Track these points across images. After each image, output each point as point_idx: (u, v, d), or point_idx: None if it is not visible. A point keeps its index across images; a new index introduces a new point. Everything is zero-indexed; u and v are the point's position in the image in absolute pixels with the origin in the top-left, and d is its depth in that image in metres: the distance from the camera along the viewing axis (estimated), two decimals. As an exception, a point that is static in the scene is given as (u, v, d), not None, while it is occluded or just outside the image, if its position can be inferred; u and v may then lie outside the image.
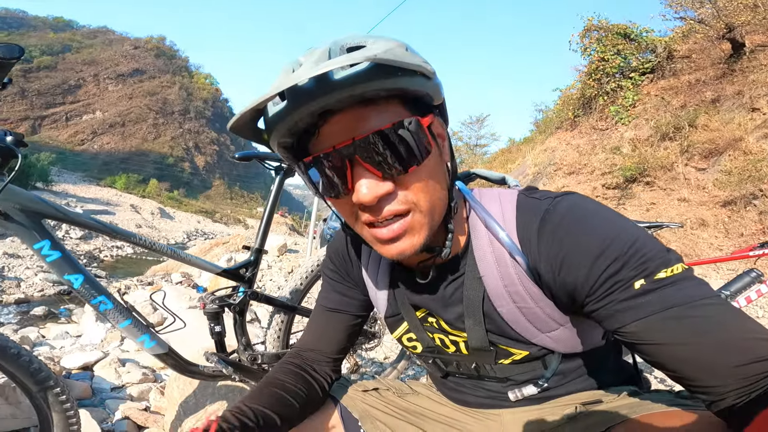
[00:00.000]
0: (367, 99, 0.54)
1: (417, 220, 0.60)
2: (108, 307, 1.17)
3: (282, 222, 32.99)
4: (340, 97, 0.52)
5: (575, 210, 0.62)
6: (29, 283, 8.18)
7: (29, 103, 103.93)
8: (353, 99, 0.53)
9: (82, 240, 17.76)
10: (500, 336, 0.73)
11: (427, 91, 0.57)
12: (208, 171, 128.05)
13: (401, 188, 0.58)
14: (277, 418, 0.74)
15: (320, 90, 0.51)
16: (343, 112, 0.55)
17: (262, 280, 6.79)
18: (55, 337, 3.79)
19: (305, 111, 0.53)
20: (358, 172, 0.57)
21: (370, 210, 0.59)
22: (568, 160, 11.26)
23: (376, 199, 0.57)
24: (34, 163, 40.74)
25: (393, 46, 0.55)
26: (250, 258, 1.52)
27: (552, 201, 0.65)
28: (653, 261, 0.54)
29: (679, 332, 0.52)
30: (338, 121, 0.56)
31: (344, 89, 0.51)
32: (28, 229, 1.01)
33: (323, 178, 0.60)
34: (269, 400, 0.77)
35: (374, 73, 0.51)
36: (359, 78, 0.51)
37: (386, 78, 0.52)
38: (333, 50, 0.55)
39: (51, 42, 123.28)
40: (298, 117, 0.54)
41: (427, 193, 0.60)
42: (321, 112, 0.54)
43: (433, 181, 0.60)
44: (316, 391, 0.86)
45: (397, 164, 0.56)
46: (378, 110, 0.55)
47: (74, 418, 1.19)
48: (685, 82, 10.17)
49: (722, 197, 7.42)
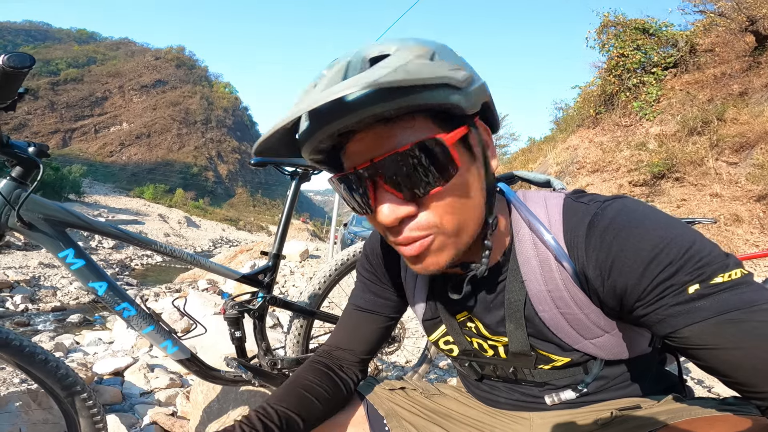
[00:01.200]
0: (389, 117, 0.51)
1: (440, 241, 0.58)
2: (131, 313, 1.19)
3: (303, 228, 33.39)
4: (356, 119, 0.50)
5: (626, 213, 0.59)
6: (65, 292, 8.48)
7: (59, 116, 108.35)
8: (372, 119, 0.51)
9: (114, 249, 18.37)
10: (542, 341, 0.71)
11: (456, 102, 0.52)
12: (230, 179, 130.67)
13: (424, 210, 0.56)
14: (300, 420, 0.74)
15: (338, 111, 0.50)
16: (366, 130, 0.53)
17: (285, 286, 6.87)
18: (89, 343, 3.91)
19: (326, 132, 0.52)
20: (380, 193, 0.56)
21: (392, 231, 0.58)
22: (592, 158, 11.00)
23: (396, 221, 0.55)
24: (66, 176, 42.42)
25: (410, 59, 0.49)
26: (268, 263, 1.53)
27: (601, 205, 0.62)
28: (710, 266, 0.52)
29: (736, 336, 0.50)
30: (361, 139, 0.54)
31: (359, 111, 0.49)
32: (53, 238, 1.04)
33: (350, 196, 0.59)
34: (294, 400, 0.76)
35: (388, 92, 0.48)
36: (375, 99, 0.48)
37: (402, 96, 0.48)
38: (353, 63, 0.53)
39: (76, 54, 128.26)
40: (321, 138, 0.53)
41: (454, 214, 0.57)
42: (343, 132, 0.53)
43: (462, 199, 0.57)
44: (341, 391, 0.85)
45: (418, 186, 0.54)
46: (402, 127, 0.53)
47: (101, 423, 1.21)
48: (710, 75, 9.83)
49: (756, 192, 7.12)
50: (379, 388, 0.92)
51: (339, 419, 0.84)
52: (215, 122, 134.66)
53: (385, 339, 0.95)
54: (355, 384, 0.90)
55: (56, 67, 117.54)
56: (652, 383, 0.77)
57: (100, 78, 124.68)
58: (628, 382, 0.76)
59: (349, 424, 0.84)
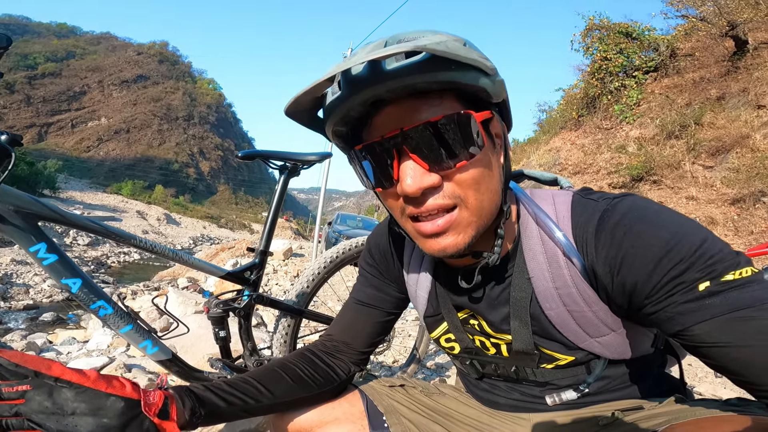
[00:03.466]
0: (420, 91, 0.54)
1: (463, 217, 0.58)
2: (108, 312, 1.12)
3: (287, 226, 33.12)
4: (392, 86, 0.52)
5: (637, 210, 0.59)
6: (38, 290, 8.20)
7: (35, 110, 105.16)
8: (405, 90, 0.53)
9: (89, 246, 17.80)
10: (546, 339, 0.70)
11: (484, 87, 0.55)
12: (213, 176, 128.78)
13: (448, 182, 0.57)
14: (263, 388, 0.74)
15: (373, 79, 0.52)
16: (395, 103, 0.55)
17: (268, 285, 6.77)
18: (63, 342, 3.77)
19: (358, 99, 0.54)
20: (404, 162, 0.56)
21: (414, 202, 0.58)
22: (573, 160, 11.20)
23: (420, 190, 0.55)
24: (41, 171, 41.07)
25: (447, 39, 0.53)
26: (254, 260, 1.47)
27: (610, 201, 0.62)
28: (721, 263, 0.51)
29: (747, 333, 0.49)
30: (390, 112, 0.56)
31: (396, 79, 0.51)
32: (24, 232, 0.97)
33: (371, 167, 0.60)
34: (262, 372, 0.78)
35: (427, 65, 0.50)
36: (411, 69, 0.51)
37: (439, 71, 0.51)
38: (389, 42, 0.55)
39: (55, 48, 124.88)
40: (351, 105, 0.55)
41: (477, 191, 0.57)
42: (373, 101, 0.55)
43: (484, 179, 0.58)
44: (329, 376, 0.84)
45: (444, 157, 0.55)
46: (430, 103, 0.55)
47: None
48: (690, 80, 10.11)
49: (731, 195, 7.35)
50: (378, 384, 0.91)
51: (338, 414, 0.83)
52: (198, 118, 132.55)
53: (383, 334, 0.94)
54: (350, 374, 0.89)
55: (34, 61, 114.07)
56: (653, 385, 0.76)
57: (79, 72, 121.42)
58: (630, 383, 0.75)
59: (347, 420, 0.83)
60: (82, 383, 0.54)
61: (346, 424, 0.82)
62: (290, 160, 1.50)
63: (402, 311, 0.94)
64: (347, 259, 1.68)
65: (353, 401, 0.86)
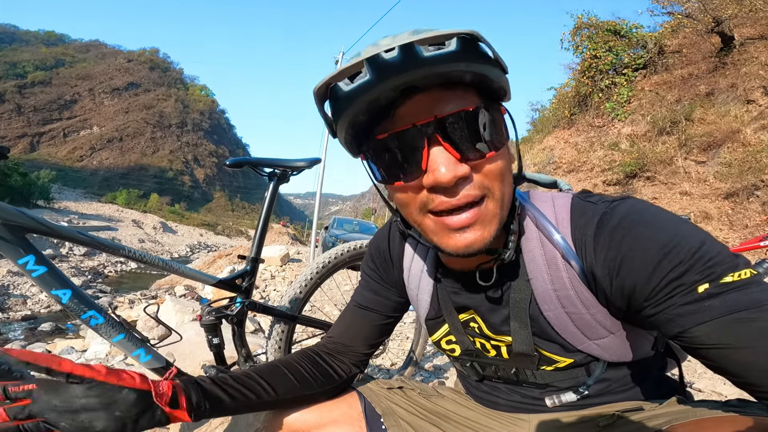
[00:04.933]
0: (449, 82, 0.54)
1: (490, 209, 0.58)
2: (99, 321, 1.12)
3: (283, 232, 33.03)
4: (426, 73, 0.51)
5: (635, 213, 0.59)
6: (35, 300, 8.17)
7: (26, 120, 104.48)
8: (439, 78, 0.53)
9: (86, 257, 17.65)
10: (545, 341, 0.70)
11: (503, 85, 0.57)
12: (208, 183, 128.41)
13: (477, 173, 0.56)
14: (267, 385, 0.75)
15: (408, 65, 0.51)
16: (425, 92, 0.54)
17: (266, 291, 6.75)
18: (61, 352, 3.77)
19: (390, 84, 0.52)
20: (436, 151, 0.55)
21: (445, 192, 0.56)
22: (567, 158, 11.26)
23: (454, 179, 0.54)
24: (34, 181, 40.64)
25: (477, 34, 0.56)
26: (246, 267, 1.47)
27: (610, 204, 0.63)
28: (720, 265, 0.52)
29: (746, 335, 0.49)
30: (419, 101, 0.55)
31: (432, 66, 0.51)
32: (12, 244, 0.97)
33: (393, 158, 0.58)
34: (265, 369, 0.78)
35: (462, 54, 0.52)
36: (448, 57, 0.51)
37: (472, 62, 0.53)
38: (416, 32, 0.55)
39: (44, 57, 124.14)
40: (381, 91, 0.53)
41: (502, 183, 0.58)
42: (404, 88, 0.53)
43: (508, 172, 0.60)
44: (330, 376, 0.86)
45: (477, 146, 0.56)
46: (457, 95, 0.55)
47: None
48: (678, 76, 10.19)
49: (724, 189, 7.40)
50: (376, 386, 0.91)
51: (335, 416, 0.83)
52: (191, 125, 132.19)
53: (383, 336, 0.95)
54: (350, 375, 0.90)
55: (23, 70, 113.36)
56: (653, 387, 0.76)
57: (69, 81, 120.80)
58: (630, 385, 0.75)
59: (345, 422, 0.83)
60: (94, 377, 0.55)
61: (344, 426, 0.82)
62: (279, 167, 1.50)
63: (402, 315, 0.95)
64: (340, 263, 1.68)
65: (351, 403, 0.86)
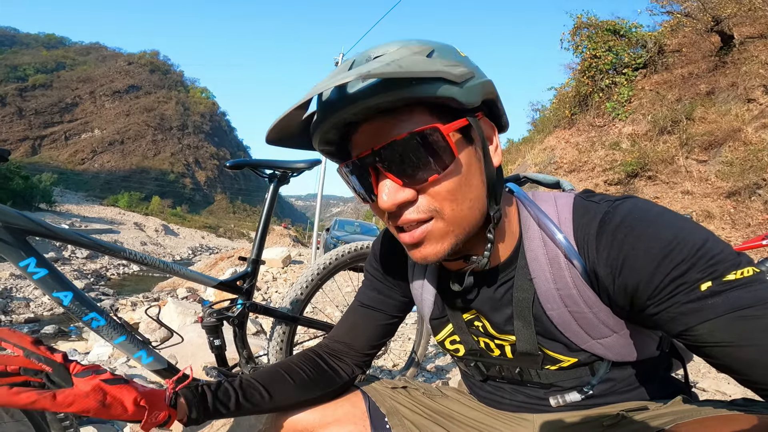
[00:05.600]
0: (388, 109, 0.55)
1: (439, 227, 0.59)
2: (100, 323, 1.12)
3: (285, 234, 33.11)
4: (355, 110, 0.54)
5: (638, 212, 0.59)
6: (38, 303, 8.21)
7: (27, 123, 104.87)
8: (370, 111, 0.54)
9: (88, 259, 17.72)
10: (549, 340, 0.70)
11: (453, 96, 0.54)
12: (209, 186, 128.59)
13: (423, 195, 0.58)
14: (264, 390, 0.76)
15: (340, 103, 0.54)
16: (368, 122, 0.57)
17: (268, 292, 6.75)
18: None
19: (330, 123, 0.57)
20: (381, 180, 0.58)
21: (392, 216, 0.60)
22: (568, 158, 11.24)
23: (394, 206, 0.57)
24: (36, 185, 40.78)
25: (406, 55, 0.54)
26: (247, 269, 1.47)
27: (612, 204, 0.63)
28: (722, 263, 0.52)
29: (750, 333, 0.49)
30: (364, 131, 0.58)
31: (359, 102, 0.53)
32: (12, 247, 0.97)
33: (356, 183, 0.62)
34: (264, 374, 0.79)
35: (385, 85, 0.52)
36: (372, 91, 0.52)
37: (399, 89, 0.52)
38: (358, 61, 0.57)
39: (45, 60, 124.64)
40: (326, 128, 0.58)
41: (453, 202, 0.58)
42: (347, 123, 0.57)
43: (461, 190, 0.58)
44: (332, 378, 0.86)
45: (415, 174, 0.56)
46: (400, 119, 0.56)
47: (73, 437, 1.15)
48: (678, 75, 10.17)
49: (726, 188, 7.37)
50: (380, 385, 0.91)
51: (339, 415, 0.84)
52: (192, 128, 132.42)
53: (386, 337, 0.95)
54: (352, 375, 0.90)
55: (24, 73, 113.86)
56: (658, 388, 0.76)
57: (70, 84, 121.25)
58: (634, 385, 0.75)
59: (349, 421, 0.83)
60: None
61: (347, 425, 0.83)
62: (279, 168, 1.50)
63: (405, 314, 0.95)
64: (341, 265, 1.68)
65: (355, 402, 0.87)
